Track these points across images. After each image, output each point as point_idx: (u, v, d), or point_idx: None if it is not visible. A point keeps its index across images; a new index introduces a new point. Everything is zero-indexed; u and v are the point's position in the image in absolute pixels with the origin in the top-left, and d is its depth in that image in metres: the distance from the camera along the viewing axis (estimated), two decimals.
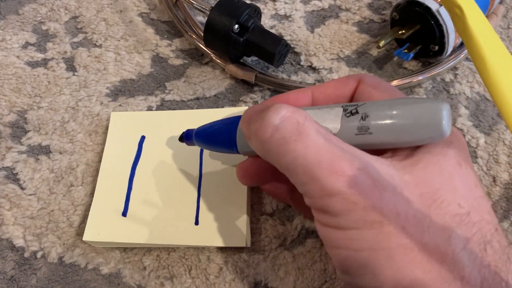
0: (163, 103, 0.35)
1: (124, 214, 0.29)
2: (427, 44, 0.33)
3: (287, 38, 0.37)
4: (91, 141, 0.33)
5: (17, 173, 0.32)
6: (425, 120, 0.18)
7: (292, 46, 0.37)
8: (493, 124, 0.33)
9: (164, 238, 0.28)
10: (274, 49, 0.32)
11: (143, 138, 0.32)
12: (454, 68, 0.35)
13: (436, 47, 0.33)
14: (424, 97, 0.33)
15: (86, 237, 0.28)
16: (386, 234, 0.17)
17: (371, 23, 0.38)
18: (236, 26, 0.31)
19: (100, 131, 0.33)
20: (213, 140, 0.26)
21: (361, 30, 0.38)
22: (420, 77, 0.34)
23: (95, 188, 0.30)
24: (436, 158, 0.19)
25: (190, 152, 0.31)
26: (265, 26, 0.36)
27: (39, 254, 0.29)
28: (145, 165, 0.31)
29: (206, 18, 0.32)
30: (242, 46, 0.33)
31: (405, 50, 0.33)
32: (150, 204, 0.29)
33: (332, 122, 0.20)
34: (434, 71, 0.34)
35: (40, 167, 0.32)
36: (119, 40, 0.38)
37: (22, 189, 0.32)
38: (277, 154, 0.19)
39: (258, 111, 0.21)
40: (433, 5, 0.31)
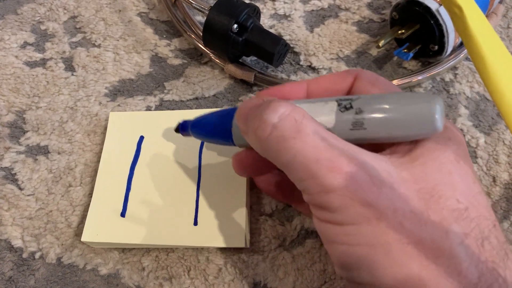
0: (162, 103, 0.35)
1: (123, 215, 0.29)
2: (427, 44, 0.33)
3: (287, 38, 0.37)
4: (90, 141, 0.33)
5: (16, 174, 0.32)
6: (418, 115, 0.18)
7: (292, 46, 0.37)
8: (493, 124, 0.33)
9: (163, 239, 0.28)
10: (273, 49, 0.32)
11: (142, 138, 0.32)
12: (454, 68, 0.35)
13: (436, 47, 0.33)
14: (418, 92, 0.33)
15: (85, 238, 0.28)
16: (383, 230, 0.17)
17: (371, 23, 0.38)
18: (235, 26, 0.31)
19: (99, 131, 0.33)
20: (209, 132, 0.26)
21: (361, 30, 0.38)
22: (420, 77, 0.34)
23: (94, 189, 0.30)
24: (435, 155, 0.19)
25: (189, 152, 0.31)
26: (264, 26, 0.36)
27: (38, 255, 0.29)
28: (144, 166, 0.31)
29: (205, 18, 0.32)
30: (241, 46, 0.32)
31: (405, 50, 0.33)
32: (149, 205, 0.29)
33: (327, 117, 0.20)
34: (434, 71, 0.34)
35: (39, 168, 0.32)
36: (118, 40, 0.38)
37: (21, 190, 0.31)
38: (276, 152, 0.19)
39: (255, 107, 0.21)
40: (433, 5, 0.31)
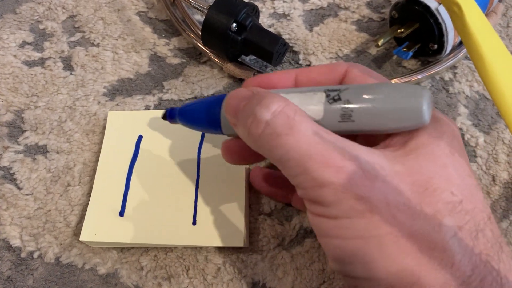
0: (161, 103, 0.35)
1: (122, 214, 0.29)
2: (426, 43, 0.33)
3: (286, 37, 0.37)
4: (88, 141, 0.33)
5: (14, 173, 0.32)
6: (405, 108, 0.19)
7: (291, 45, 0.37)
8: (493, 123, 0.33)
9: (162, 238, 0.28)
10: (273, 48, 0.32)
11: (141, 138, 0.32)
12: (453, 67, 0.35)
13: (435, 46, 0.33)
14: (406, 84, 0.33)
15: (83, 237, 0.28)
16: (376, 223, 0.17)
17: (370, 22, 0.38)
18: (234, 25, 0.31)
19: (98, 131, 0.33)
20: (197, 121, 0.25)
21: (360, 29, 0.38)
22: (419, 76, 0.34)
23: (92, 188, 0.30)
24: (429, 148, 0.19)
25: (188, 152, 0.31)
26: (264, 25, 0.35)
27: (36, 254, 0.29)
28: (143, 165, 0.30)
29: (204, 17, 0.32)
30: (240, 45, 0.32)
31: (404, 49, 0.33)
32: (148, 204, 0.29)
33: (315, 108, 0.20)
34: (433, 70, 0.34)
35: (37, 167, 0.32)
36: (117, 39, 0.38)
37: (19, 189, 0.31)
38: (269, 148, 0.19)
39: (244, 100, 0.21)
40: (432, 4, 0.31)
